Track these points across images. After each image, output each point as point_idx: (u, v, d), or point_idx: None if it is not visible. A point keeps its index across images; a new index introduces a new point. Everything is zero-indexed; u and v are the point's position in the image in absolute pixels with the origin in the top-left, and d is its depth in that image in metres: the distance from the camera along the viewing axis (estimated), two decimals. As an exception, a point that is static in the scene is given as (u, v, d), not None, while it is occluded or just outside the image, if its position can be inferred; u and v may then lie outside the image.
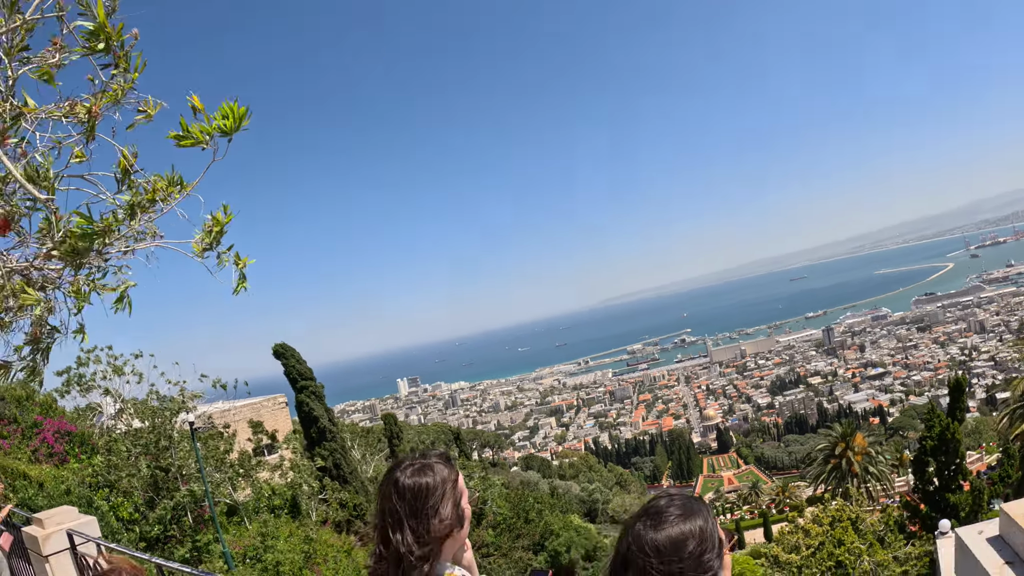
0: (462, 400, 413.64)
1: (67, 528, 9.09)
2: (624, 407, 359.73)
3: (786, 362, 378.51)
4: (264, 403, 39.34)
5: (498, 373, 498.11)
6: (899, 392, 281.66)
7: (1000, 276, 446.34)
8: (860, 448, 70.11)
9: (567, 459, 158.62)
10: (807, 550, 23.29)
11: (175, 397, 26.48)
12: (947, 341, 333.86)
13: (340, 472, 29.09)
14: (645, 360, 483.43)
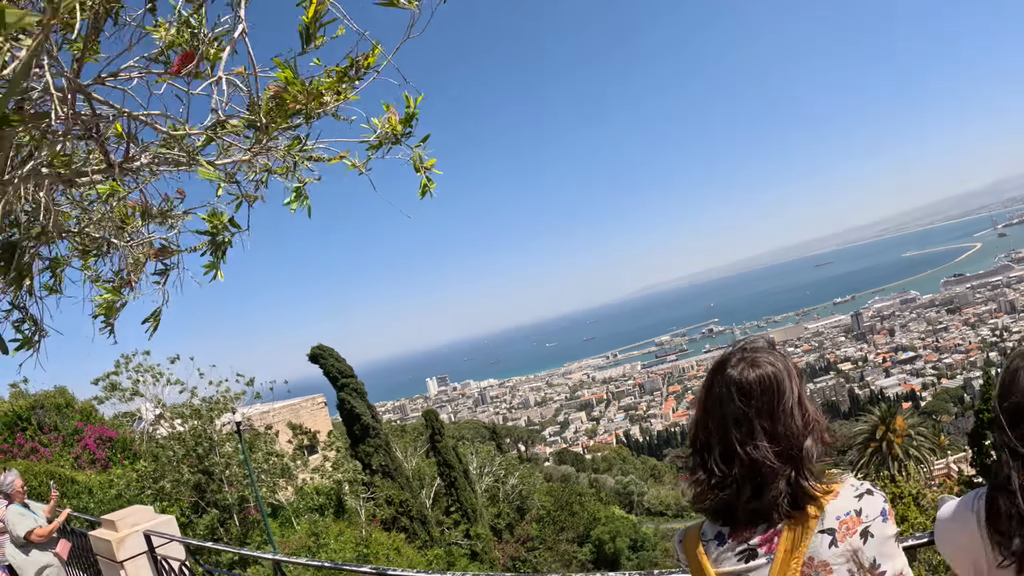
0: (491, 397, 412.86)
1: (144, 529, 8.43)
2: (654, 399, 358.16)
3: (815, 349, 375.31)
4: (303, 404, 39.22)
5: (526, 369, 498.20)
6: (931, 376, 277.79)
7: None
8: (901, 431, 68.80)
9: (599, 452, 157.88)
10: None
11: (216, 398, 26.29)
12: (977, 323, 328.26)
13: (386, 469, 28.82)
14: (673, 351, 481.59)
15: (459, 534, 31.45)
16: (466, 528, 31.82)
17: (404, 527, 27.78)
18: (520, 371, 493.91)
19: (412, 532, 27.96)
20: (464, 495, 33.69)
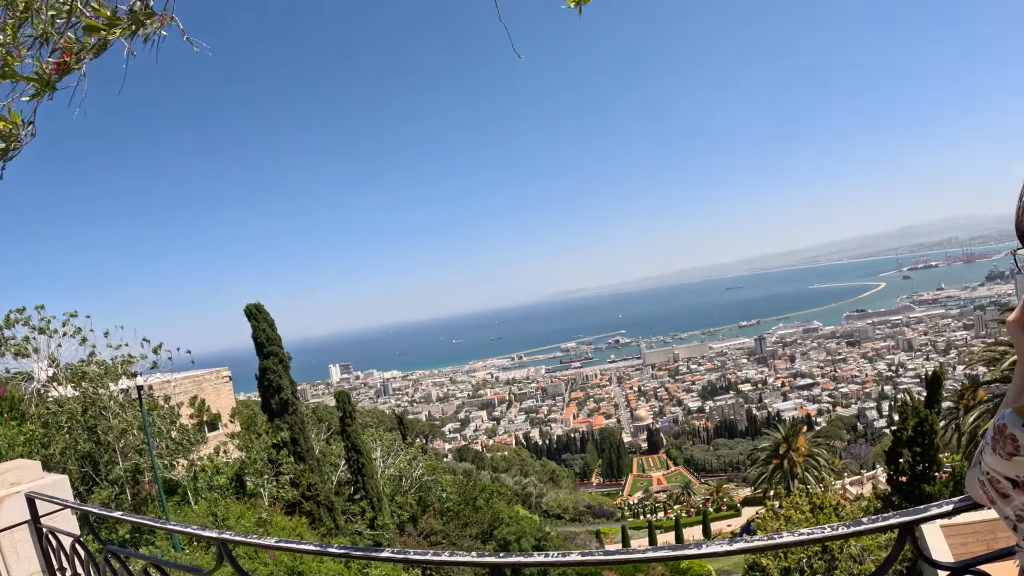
0: (394, 389, 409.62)
1: (28, 490, 5.83)
2: (556, 404, 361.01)
3: (718, 368, 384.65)
4: (207, 376, 37.10)
5: (431, 364, 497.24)
6: (827, 403, 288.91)
7: (930, 298, 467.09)
8: (803, 450, 70.61)
9: (499, 452, 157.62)
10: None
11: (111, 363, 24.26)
12: (875, 357, 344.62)
13: (298, 448, 27.26)
14: (579, 358, 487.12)
15: (364, 524, 30.22)
16: (371, 518, 30.61)
17: (309, 512, 26.37)
18: (425, 365, 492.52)
19: (317, 518, 26.56)
20: (370, 483, 32.32)
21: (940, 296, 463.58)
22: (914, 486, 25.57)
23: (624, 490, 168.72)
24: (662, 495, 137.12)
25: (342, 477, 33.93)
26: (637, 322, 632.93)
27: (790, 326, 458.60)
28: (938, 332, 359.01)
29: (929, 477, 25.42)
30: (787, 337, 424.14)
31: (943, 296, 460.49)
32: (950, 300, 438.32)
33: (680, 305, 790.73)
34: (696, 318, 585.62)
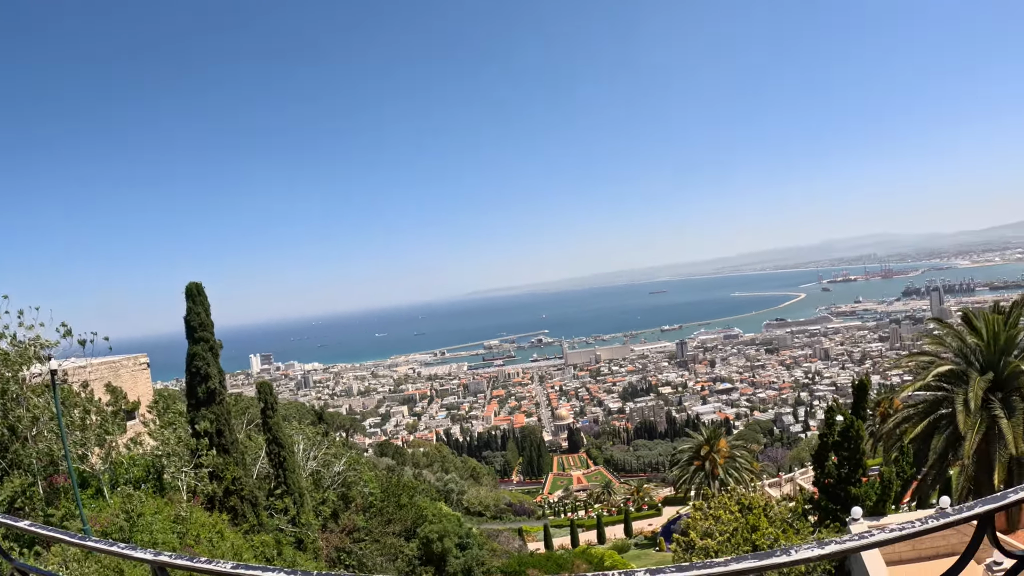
0: (315, 382, 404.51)
1: None
2: (477, 401, 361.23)
3: (639, 370, 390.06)
4: (123, 362, 35.29)
5: (353, 357, 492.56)
6: (745, 407, 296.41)
7: (847, 310, 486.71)
8: (724, 452, 71.66)
9: (420, 448, 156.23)
10: (721, 536, 23.10)
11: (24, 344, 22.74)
12: (793, 364, 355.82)
13: (222, 440, 26.03)
14: (501, 356, 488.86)
15: (286, 520, 29.20)
16: (294, 514, 29.60)
17: (233, 507, 25.25)
18: (347, 358, 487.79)
19: (240, 514, 25.44)
20: (292, 478, 31.25)
21: (857, 309, 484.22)
22: (840, 488, 26.05)
23: (544, 488, 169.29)
24: (582, 494, 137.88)
25: (262, 471, 32.84)
26: (560, 322, 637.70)
27: (711, 332, 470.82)
28: (854, 343, 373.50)
29: (855, 480, 25.86)
30: (708, 342, 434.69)
31: (860, 309, 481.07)
32: (867, 313, 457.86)
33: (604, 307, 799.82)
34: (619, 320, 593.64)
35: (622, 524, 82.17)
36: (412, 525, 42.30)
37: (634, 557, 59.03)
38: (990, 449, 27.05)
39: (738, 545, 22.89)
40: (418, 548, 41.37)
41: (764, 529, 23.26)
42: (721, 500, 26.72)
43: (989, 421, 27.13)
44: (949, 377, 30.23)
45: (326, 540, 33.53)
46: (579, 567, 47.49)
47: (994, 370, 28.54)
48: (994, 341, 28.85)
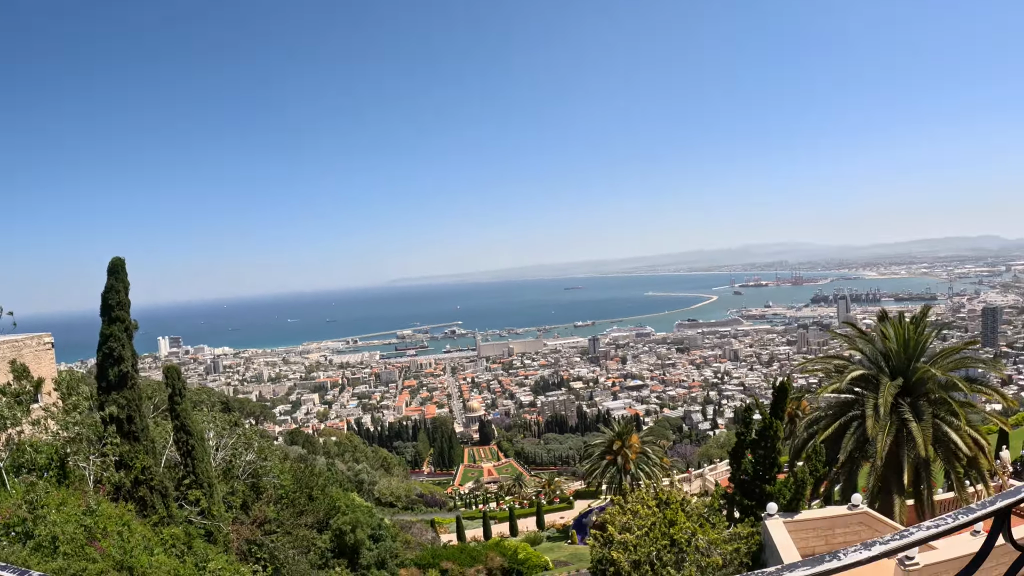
0: (225, 367, 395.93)
1: None
2: (389, 390, 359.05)
3: (551, 364, 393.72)
4: (26, 341, 33.36)
5: (264, 342, 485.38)
6: (655, 404, 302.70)
7: (758, 314, 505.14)
8: (636, 447, 72.37)
9: (331, 437, 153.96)
10: (639, 530, 23.16)
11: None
12: (703, 364, 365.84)
13: (133, 427, 24.68)
14: (414, 346, 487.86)
15: (196, 512, 28.03)
16: (205, 506, 28.42)
17: (142, 498, 24.00)
18: (258, 343, 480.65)
19: (150, 505, 24.21)
20: (202, 467, 30.00)
21: (767, 313, 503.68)
22: (755, 485, 26.46)
23: (455, 480, 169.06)
24: (493, 486, 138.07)
25: (170, 460, 31.50)
26: (475, 314, 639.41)
27: (624, 329, 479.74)
28: (763, 346, 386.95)
29: (770, 477, 26.29)
30: (620, 339, 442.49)
31: (770, 313, 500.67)
32: (776, 317, 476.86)
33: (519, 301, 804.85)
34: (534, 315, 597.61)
35: (534, 517, 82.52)
36: (325, 516, 41.43)
37: (547, 550, 59.21)
38: (899, 451, 28.10)
39: (656, 539, 22.99)
40: (331, 540, 40.53)
41: (682, 523, 23.44)
42: (639, 495, 26.87)
43: (899, 424, 28.13)
44: (861, 381, 31.19)
45: (236, 532, 32.42)
46: (492, 559, 47.36)
47: (904, 375, 29.62)
48: (905, 348, 30.02)
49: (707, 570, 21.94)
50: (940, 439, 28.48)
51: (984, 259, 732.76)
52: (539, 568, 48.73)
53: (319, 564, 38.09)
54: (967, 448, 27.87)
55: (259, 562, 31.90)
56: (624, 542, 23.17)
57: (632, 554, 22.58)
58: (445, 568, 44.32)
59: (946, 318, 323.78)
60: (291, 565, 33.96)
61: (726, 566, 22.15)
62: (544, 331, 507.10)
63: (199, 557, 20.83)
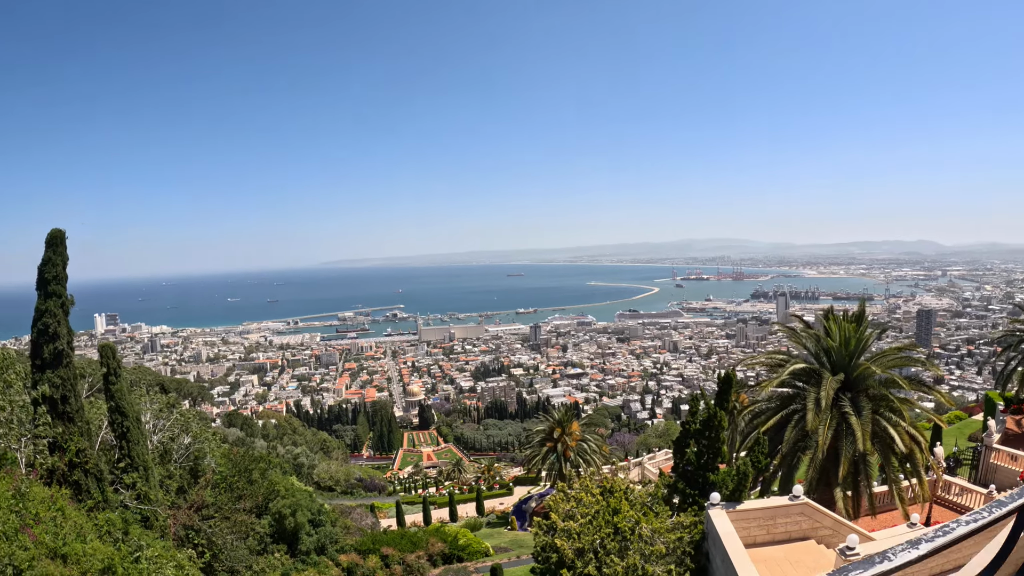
0: (162, 345, 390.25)
1: None
2: (329, 373, 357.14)
3: (492, 351, 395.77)
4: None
5: (204, 321, 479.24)
6: (594, 392, 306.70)
7: (698, 307, 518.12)
8: (576, 435, 72.89)
9: (271, 420, 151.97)
10: (583, 518, 23.29)
11: None
12: (642, 354, 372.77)
13: (67, 408, 23.77)
14: (355, 329, 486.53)
15: (131, 496, 27.21)
16: (143, 490, 27.60)
17: (76, 482, 23.16)
18: (197, 322, 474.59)
19: (85, 489, 23.39)
20: (138, 450, 29.15)
21: (708, 306, 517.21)
22: (699, 475, 26.75)
23: (395, 464, 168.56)
24: (432, 471, 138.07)
25: (105, 442, 30.56)
26: (417, 298, 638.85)
27: (565, 317, 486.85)
28: (702, 338, 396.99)
29: (713, 467, 26.63)
30: (562, 328, 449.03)
31: (711, 307, 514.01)
32: (716, 311, 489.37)
33: (461, 286, 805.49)
34: (476, 300, 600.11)
35: (474, 503, 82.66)
36: (264, 501, 40.77)
37: (487, 535, 59.26)
38: (838, 444, 28.81)
39: (599, 527, 23.15)
40: (270, 525, 39.92)
41: (625, 512, 23.58)
42: (583, 483, 26.97)
43: (839, 418, 28.88)
44: (803, 376, 31.95)
45: (174, 518, 31.67)
46: (433, 545, 47.24)
47: (845, 371, 30.46)
48: (846, 344, 30.79)
49: (651, 559, 22.06)
50: (878, 434, 29.21)
51: (921, 263, 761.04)
52: (480, 554, 48.73)
53: (258, 550, 37.47)
54: (903, 444, 28.69)
55: (196, 548, 31.25)
56: (568, 530, 23.23)
57: (576, 542, 22.66)
58: (385, 554, 43.98)
59: (882, 318, 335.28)
60: (229, 551, 33.36)
61: (669, 554, 22.34)
62: (486, 317, 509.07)
63: (135, 544, 20.21)
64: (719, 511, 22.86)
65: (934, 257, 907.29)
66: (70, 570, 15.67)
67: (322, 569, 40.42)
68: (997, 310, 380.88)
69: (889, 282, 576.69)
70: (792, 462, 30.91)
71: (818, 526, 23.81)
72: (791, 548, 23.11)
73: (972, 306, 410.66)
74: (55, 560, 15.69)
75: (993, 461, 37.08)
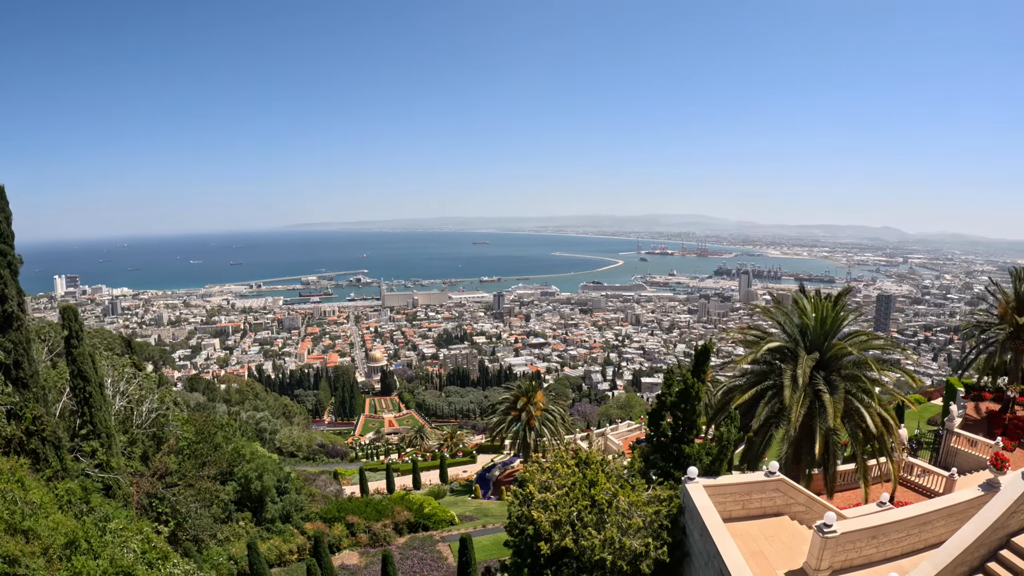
0: (123, 308, 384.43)
1: None
2: (291, 337, 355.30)
3: (455, 318, 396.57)
4: None
5: (165, 284, 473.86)
6: (556, 362, 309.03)
7: (662, 281, 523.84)
8: (541, 404, 72.92)
9: (232, 384, 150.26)
10: (560, 489, 23.08)
11: None
12: (605, 326, 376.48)
13: (20, 373, 22.79)
14: (318, 293, 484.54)
15: (92, 464, 26.35)
16: (104, 458, 26.75)
17: (34, 451, 22.25)
18: (159, 284, 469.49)
19: (43, 458, 22.50)
20: (100, 416, 28.24)
21: (671, 281, 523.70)
22: (673, 447, 26.56)
23: (356, 430, 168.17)
24: (394, 437, 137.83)
25: (64, 408, 29.56)
26: (381, 263, 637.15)
27: (529, 287, 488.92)
28: (664, 312, 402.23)
29: (688, 440, 26.48)
30: (525, 297, 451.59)
31: (674, 281, 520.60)
32: (679, 286, 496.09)
33: (427, 253, 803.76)
34: (440, 267, 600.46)
35: (438, 470, 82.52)
36: (228, 467, 40.07)
37: (451, 503, 59.21)
38: (811, 421, 29.07)
39: (576, 499, 22.93)
40: (235, 491, 39.34)
41: (602, 484, 23.44)
42: (557, 453, 26.73)
43: (813, 396, 29.14)
44: (778, 353, 32.10)
45: (136, 486, 30.90)
46: (399, 514, 46.99)
47: (819, 350, 30.68)
48: (822, 324, 30.99)
49: (628, 532, 21.94)
50: (850, 413, 29.55)
51: (884, 250, 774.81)
52: (445, 523, 48.57)
53: (222, 518, 36.92)
54: (874, 425, 29.05)
55: (160, 517, 30.59)
56: (544, 501, 22.97)
57: (552, 514, 22.42)
58: (351, 522, 43.65)
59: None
60: (193, 519, 32.72)
61: (645, 528, 22.24)
62: (450, 284, 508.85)
63: (99, 516, 19.50)
64: (697, 485, 22.80)
65: (897, 244, 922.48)
66: (32, 546, 14.96)
67: (287, 537, 39.99)
68: (955, 299, 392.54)
69: (851, 266, 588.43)
70: (764, 437, 31.05)
71: (792, 502, 23.95)
72: (765, 523, 23.21)
73: (931, 294, 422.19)
74: (15, 536, 14.97)
75: (954, 445, 38.00)
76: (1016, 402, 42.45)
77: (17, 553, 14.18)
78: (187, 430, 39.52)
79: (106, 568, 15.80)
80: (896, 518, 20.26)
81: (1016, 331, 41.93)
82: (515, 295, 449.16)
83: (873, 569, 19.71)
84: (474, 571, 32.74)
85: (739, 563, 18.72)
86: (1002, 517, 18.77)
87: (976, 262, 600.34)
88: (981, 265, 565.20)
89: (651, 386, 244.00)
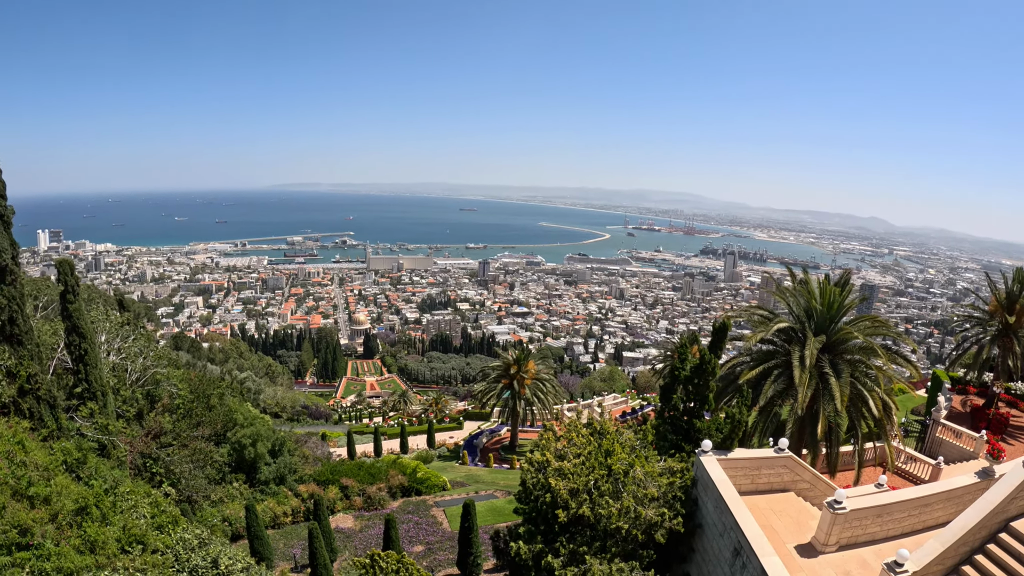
0: (107, 264, 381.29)
1: None
2: (275, 297, 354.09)
3: (440, 284, 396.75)
4: None
5: (150, 240, 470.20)
6: (539, 332, 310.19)
7: (647, 257, 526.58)
8: (532, 373, 72.87)
9: (216, 343, 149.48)
10: (576, 458, 23.21)
11: None
12: (589, 298, 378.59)
13: (15, 330, 22.06)
14: (303, 254, 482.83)
15: (89, 424, 25.78)
16: (100, 420, 26.12)
17: (29, 410, 21.59)
18: (143, 240, 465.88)
19: (38, 417, 21.84)
20: (94, 374, 27.54)
21: (657, 257, 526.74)
22: (685, 421, 26.58)
23: (338, 392, 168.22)
24: (375, 400, 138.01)
25: (58, 365, 28.86)
26: (367, 226, 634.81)
27: (515, 256, 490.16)
28: (649, 288, 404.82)
29: (699, 414, 26.56)
30: (510, 266, 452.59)
31: (660, 258, 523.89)
32: (665, 263, 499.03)
33: (413, 217, 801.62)
34: (426, 232, 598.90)
35: (424, 435, 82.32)
36: (222, 428, 39.65)
37: (440, 469, 59.11)
38: (815, 404, 29.54)
39: (593, 468, 23.11)
40: (229, 454, 38.97)
41: (619, 454, 23.69)
42: (571, 423, 26.72)
43: (819, 378, 29.46)
44: (784, 334, 32.43)
45: (130, 445, 30.41)
46: (394, 477, 46.91)
47: (826, 333, 30.85)
48: (829, 307, 31.25)
49: (643, 501, 22.16)
50: (853, 398, 29.87)
51: (870, 239, 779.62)
52: (437, 488, 48.57)
53: (216, 479, 36.58)
54: (877, 409, 29.51)
55: (154, 477, 30.19)
56: (560, 469, 23.02)
57: (570, 482, 22.52)
58: (345, 485, 43.52)
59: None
60: (188, 480, 32.36)
61: (659, 498, 22.51)
62: (435, 249, 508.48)
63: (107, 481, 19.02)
64: (711, 458, 23.27)
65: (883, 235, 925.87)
66: (40, 512, 14.46)
67: (281, 500, 39.76)
68: (938, 294, 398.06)
69: (837, 253, 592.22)
70: (769, 416, 31.28)
71: (798, 479, 24.46)
72: (773, 498, 23.66)
73: (914, 287, 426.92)
74: (21, 501, 14.45)
75: (939, 435, 38.89)
76: (1000, 398, 43.83)
77: (29, 522, 13.65)
78: (182, 388, 38.82)
79: (119, 535, 15.39)
80: (901, 498, 21.07)
81: (1005, 328, 42.66)
82: (500, 263, 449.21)
83: (875, 547, 20.42)
84: (476, 536, 32.67)
85: (758, 534, 19.22)
86: (1003, 502, 19.60)
87: (961, 259, 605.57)
88: (965, 262, 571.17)
89: (632, 360, 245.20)
